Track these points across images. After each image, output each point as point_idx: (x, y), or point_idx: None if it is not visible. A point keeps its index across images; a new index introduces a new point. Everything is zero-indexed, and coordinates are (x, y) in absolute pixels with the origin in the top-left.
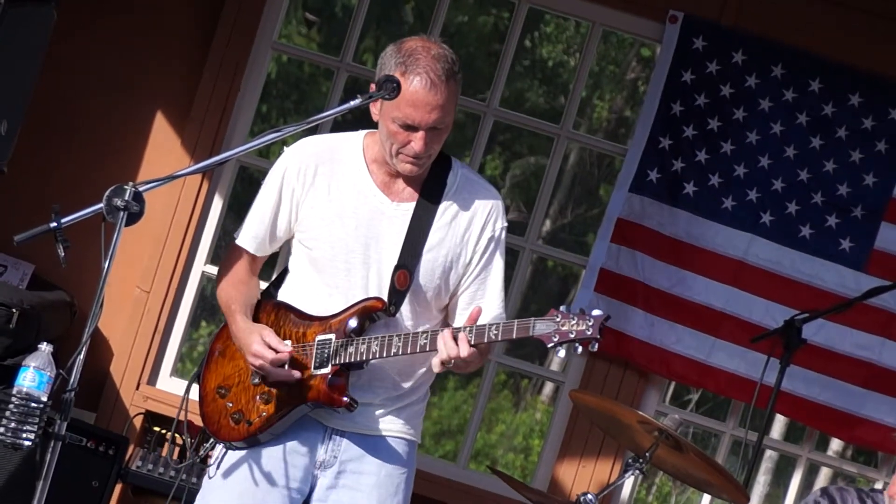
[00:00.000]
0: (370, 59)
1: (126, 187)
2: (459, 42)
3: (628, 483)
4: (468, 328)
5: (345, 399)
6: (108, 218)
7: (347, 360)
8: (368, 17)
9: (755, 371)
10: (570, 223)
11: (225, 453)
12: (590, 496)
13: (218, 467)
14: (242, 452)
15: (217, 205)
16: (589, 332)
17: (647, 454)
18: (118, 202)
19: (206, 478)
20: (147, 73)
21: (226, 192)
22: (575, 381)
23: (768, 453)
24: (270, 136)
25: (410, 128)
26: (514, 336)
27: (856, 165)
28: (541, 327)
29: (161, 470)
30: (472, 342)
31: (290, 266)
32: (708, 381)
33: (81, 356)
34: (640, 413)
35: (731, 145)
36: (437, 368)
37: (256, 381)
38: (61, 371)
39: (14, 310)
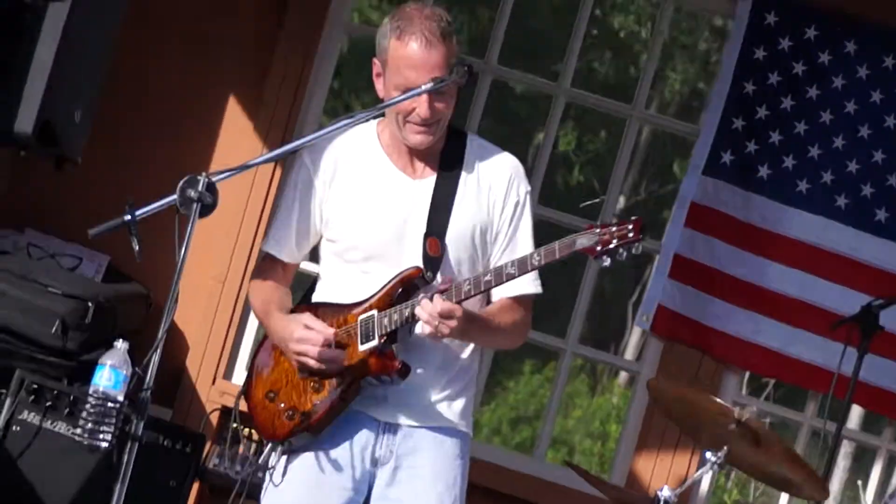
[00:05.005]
0: None
1: (199, 178)
2: (531, 13)
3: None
4: (448, 288)
5: (397, 363)
6: (182, 210)
7: (393, 327)
8: None
9: (832, 361)
10: (644, 200)
11: (288, 460)
12: (668, 492)
13: (283, 475)
14: (300, 457)
15: None
16: (631, 235)
17: (725, 448)
18: (191, 193)
19: (268, 485)
20: (219, 58)
21: None
22: (651, 369)
23: (846, 441)
24: (343, 123)
25: None
26: (558, 256)
27: None
28: (583, 241)
29: (238, 468)
30: (462, 298)
31: (321, 271)
32: (785, 372)
33: (157, 354)
34: (719, 401)
35: (805, 125)
36: (426, 331)
37: (305, 374)
38: (137, 369)
39: (90, 304)
